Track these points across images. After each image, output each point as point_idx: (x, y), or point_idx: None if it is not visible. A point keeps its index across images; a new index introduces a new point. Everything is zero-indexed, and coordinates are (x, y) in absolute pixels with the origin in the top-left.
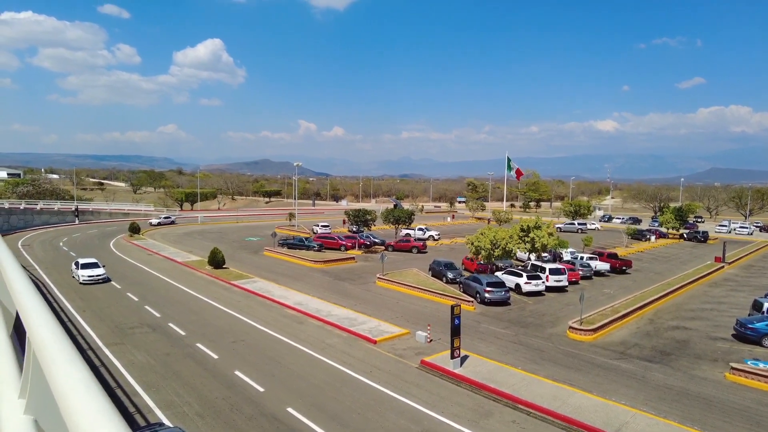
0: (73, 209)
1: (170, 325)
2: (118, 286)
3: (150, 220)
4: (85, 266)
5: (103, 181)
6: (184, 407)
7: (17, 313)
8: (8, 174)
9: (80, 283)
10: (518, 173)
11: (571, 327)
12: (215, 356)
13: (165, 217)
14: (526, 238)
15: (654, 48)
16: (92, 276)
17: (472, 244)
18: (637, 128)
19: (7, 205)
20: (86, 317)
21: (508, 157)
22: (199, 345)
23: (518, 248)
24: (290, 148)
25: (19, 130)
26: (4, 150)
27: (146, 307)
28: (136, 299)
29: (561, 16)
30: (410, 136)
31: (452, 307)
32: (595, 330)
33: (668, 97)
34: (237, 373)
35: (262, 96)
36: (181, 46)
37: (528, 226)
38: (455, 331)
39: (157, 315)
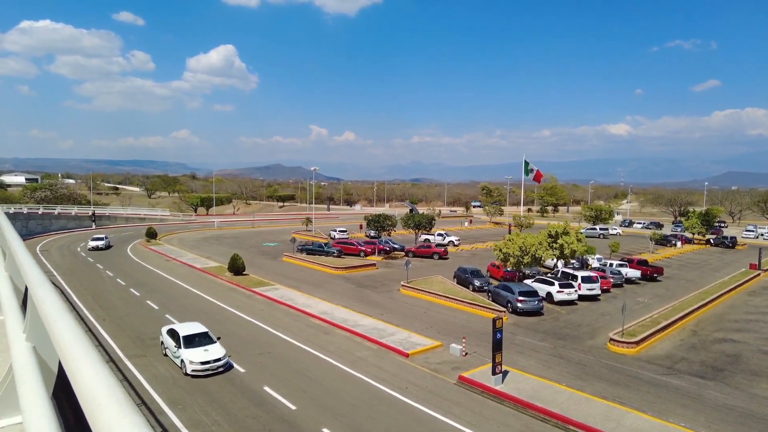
0: (90, 214)
1: None
2: (137, 294)
3: (89, 242)
4: (191, 341)
5: (118, 185)
6: (213, 427)
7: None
8: (26, 179)
9: (186, 373)
10: (538, 175)
11: (612, 339)
12: (242, 370)
13: (105, 237)
14: (555, 245)
15: (667, 51)
16: (207, 363)
17: (500, 250)
18: (651, 132)
19: (26, 210)
20: (106, 326)
21: (525, 161)
22: None
23: (546, 255)
24: (302, 152)
25: (36, 135)
26: (22, 155)
27: (167, 316)
28: (156, 307)
29: (572, 21)
30: (421, 141)
31: (494, 320)
32: (637, 342)
33: (682, 100)
34: (266, 388)
35: (274, 101)
36: (194, 52)
37: (556, 231)
38: (497, 346)
39: None
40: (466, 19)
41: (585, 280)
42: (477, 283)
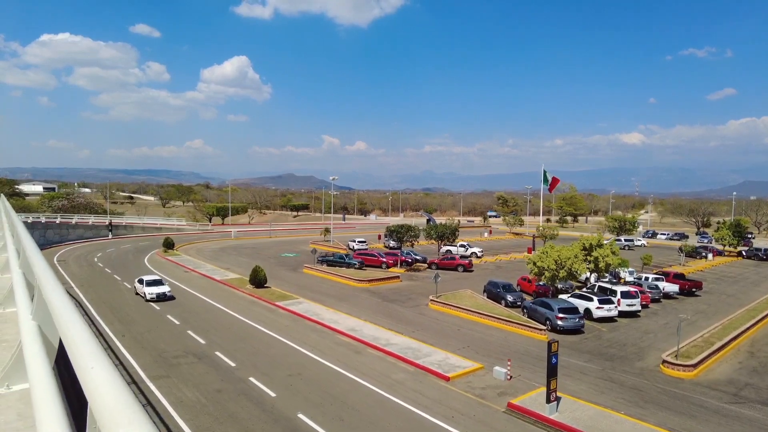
0: (107, 223)
1: (217, 353)
2: (157, 308)
3: (145, 291)
4: None
5: (132, 195)
6: None
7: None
8: (44, 188)
9: None
10: (554, 182)
11: (665, 361)
12: (272, 394)
13: (159, 280)
14: (589, 257)
15: (681, 59)
16: None
17: (534, 263)
18: (665, 141)
19: (43, 220)
20: (126, 343)
21: (544, 170)
22: (252, 379)
23: (581, 269)
24: (313, 162)
25: (54, 145)
26: (41, 165)
27: (189, 332)
28: (177, 323)
29: (585, 31)
30: (433, 150)
31: (549, 344)
32: (694, 365)
33: (697, 109)
34: (300, 416)
35: (287, 111)
36: (208, 63)
37: (590, 244)
38: (552, 371)
39: (202, 342)
40: (478, 30)
41: (624, 295)
42: (510, 298)
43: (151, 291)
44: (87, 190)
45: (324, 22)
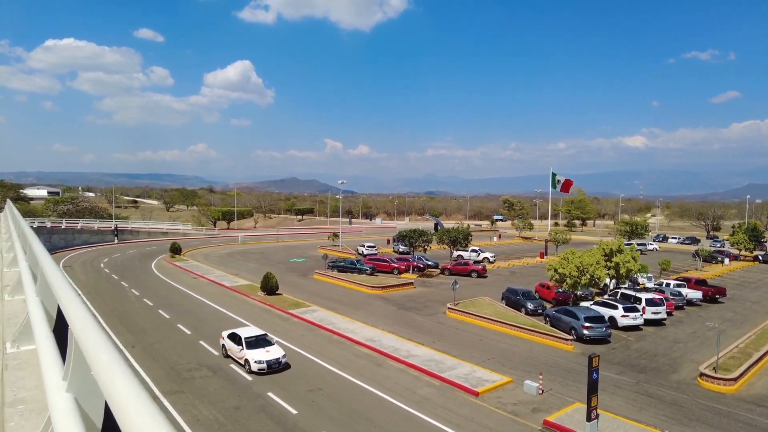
0: (113, 228)
1: (232, 366)
2: (167, 316)
3: (247, 357)
4: None
5: (136, 198)
6: None
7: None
8: (48, 192)
9: None
10: (567, 184)
11: (703, 374)
12: (294, 411)
13: (264, 337)
14: (609, 263)
15: (684, 62)
16: None
17: (555, 270)
18: (668, 144)
19: (49, 225)
20: (136, 354)
21: (552, 173)
22: (270, 395)
23: (603, 275)
24: (316, 166)
25: (59, 149)
26: (46, 169)
27: (201, 342)
28: (188, 332)
29: (588, 36)
30: (435, 154)
31: (590, 358)
32: (735, 379)
33: (700, 112)
34: None
35: (290, 115)
36: (212, 67)
37: (611, 249)
38: (593, 388)
39: (215, 353)
40: (480, 33)
41: (649, 302)
42: (530, 306)
43: (258, 358)
44: (91, 194)
45: (327, 27)
